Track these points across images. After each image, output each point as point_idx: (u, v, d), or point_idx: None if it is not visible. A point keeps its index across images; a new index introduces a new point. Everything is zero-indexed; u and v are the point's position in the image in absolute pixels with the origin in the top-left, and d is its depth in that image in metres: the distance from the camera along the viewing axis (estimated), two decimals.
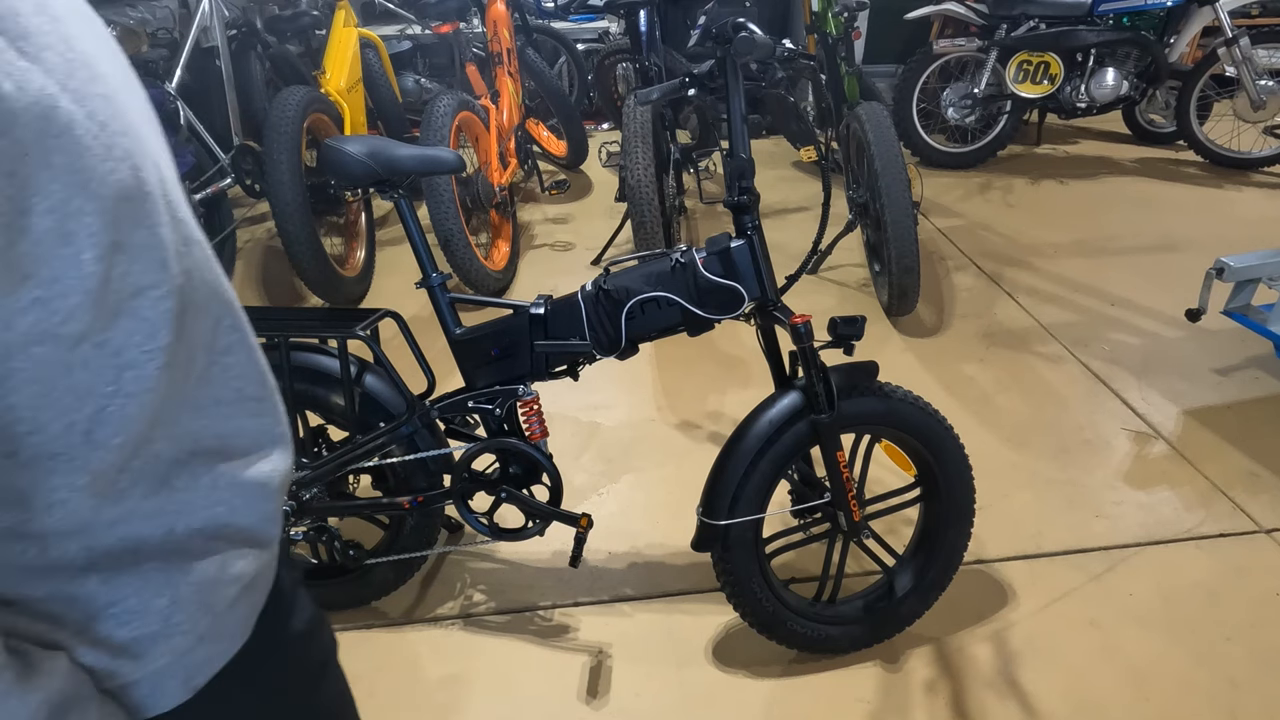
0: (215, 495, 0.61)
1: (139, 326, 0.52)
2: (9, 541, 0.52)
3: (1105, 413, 2.53)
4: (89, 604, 0.56)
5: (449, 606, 1.94)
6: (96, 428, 0.51)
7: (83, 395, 0.50)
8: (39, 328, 0.46)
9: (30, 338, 0.46)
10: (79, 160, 0.46)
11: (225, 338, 0.64)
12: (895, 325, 3.05)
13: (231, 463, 0.62)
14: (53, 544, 0.54)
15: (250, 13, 3.87)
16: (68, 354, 0.48)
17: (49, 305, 0.46)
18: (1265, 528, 2.07)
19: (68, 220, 0.46)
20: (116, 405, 0.52)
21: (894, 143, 2.78)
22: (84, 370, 0.50)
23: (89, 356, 0.50)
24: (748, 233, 1.55)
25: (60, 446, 0.50)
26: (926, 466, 1.68)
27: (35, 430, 0.49)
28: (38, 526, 0.52)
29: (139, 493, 0.56)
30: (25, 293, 0.45)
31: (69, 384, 0.49)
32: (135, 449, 0.55)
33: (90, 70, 0.49)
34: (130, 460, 0.55)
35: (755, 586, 1.61)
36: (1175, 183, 4.28)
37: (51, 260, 0.45)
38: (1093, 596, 1.89)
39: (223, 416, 0.62)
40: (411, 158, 1.61)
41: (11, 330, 0.45)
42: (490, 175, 3.36)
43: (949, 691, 1.69)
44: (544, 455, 1.69)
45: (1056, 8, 4.23)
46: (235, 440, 0.63)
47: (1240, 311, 2.53)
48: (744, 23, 1.60)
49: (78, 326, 0.48)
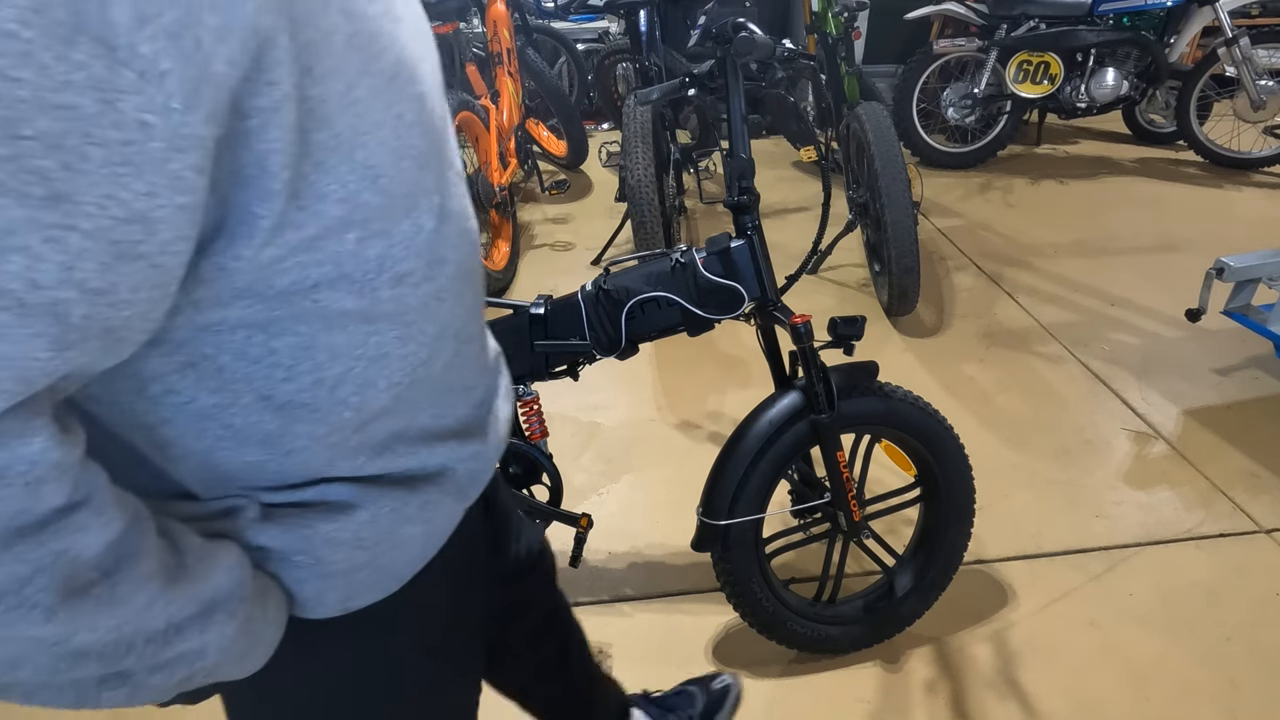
0: (429, 462, 0.67)
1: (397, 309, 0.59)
2: (246, 470, 0.59)
3: (1105, 413, 2.53)
4: (294, 521, 0.62)
5: None
6: (341, 386, 0.58)
7: (336, 354, 0.57)
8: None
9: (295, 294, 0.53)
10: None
11: (471, 325, 0.70)
12: (895, 325, 3.05)
13: (446, 443, 0.68)
14: (283, 481, 0.60)
15: None
16: (330, 316, 0.55)
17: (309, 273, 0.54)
18: (1265, 528, 2.07)
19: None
20: (360, 368, 0.58)
21: (894, 143, 2.78)
22: (342, 333, 0.56)
23: (349, 322, 0.56)
24: (748, 233, 1.54)
25: (308, 398, 0.57)
26: (926, 466, 1.68)
27: (290, 379, 0.56)
28: (275, 467, 0.59)
29: (365, 455, 0.62)
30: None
31: (327, 341, 0.56)
32: (373, 415, 0.61)
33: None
34: (366, 424, 0.61)
35: (755, 586, 1.61)
36: (1175, 183, 4.28)
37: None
38: (1093, 596, 1.89)
39: (449, 404, 0.69)
40: None
41: (275, 284, 0.52)
42: (490, 175, 3.36)
43: (949, 691, 1.69)
44: (544, 455, 1.69)
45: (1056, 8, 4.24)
46: (454, 424, 0.69)
47: (1240, 311, 2.53)
48: (744, 23, 1.60)
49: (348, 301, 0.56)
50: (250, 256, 0.50)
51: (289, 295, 0.52)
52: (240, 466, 0.58)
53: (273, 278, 0.51)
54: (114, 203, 0.40)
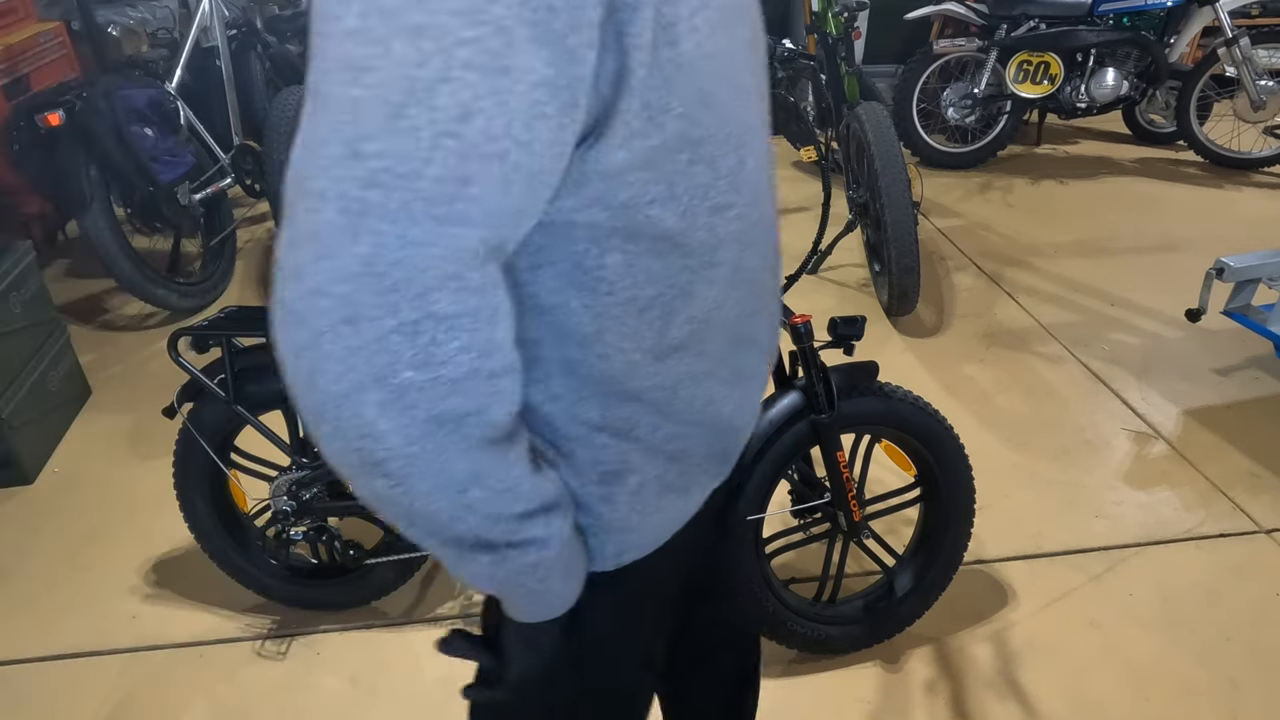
0: (707, 413, 0.72)
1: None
2: (563, 368, 0.65)
3: (1105, 413, 2.53)
4: (600, 448, 0.68)
5: (449, 606, 1.94)
6: (649, 310, 0.64)
7: (652, 279, 0.63)
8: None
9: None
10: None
11: (768, 285, 0.75)
12: (895, 325, 3.05)
13: (747, 384, 0.75)
14: (591, 389, 0.66)
15: (250, 13, 3.87)
16: (655, 237, 0.62)
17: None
18: (1265, 528, 2.07)
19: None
20: (668, 297, 0.65)
21: (894, 143, 2.78)
22: (660, 259, 0.63)
23: (667, 249, 0.63)
24: None
25: (620, 313, 0.64)
26: (926, 466, 1.68)
27: (611, 294, 0.63)
28: (586, 371, 0.65)
29: (658, 383, 0.67)
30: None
31: (646, 264, 0.63)
32: (670, 348, 0.66)
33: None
34: (664, 355, 0.66)
35: (755, 586, 1.61)
36: (1175, 183, 4.28)
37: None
38: (1093, 596, 1.89)
39: (736, 358, 0.73)
40: None
41: (619, 195, 0.58)
42: None
43: (949, 691, 1.69)
44: None
45: (1056, 8, 4.23)
46: (734, 383, 0.74)
47: (1240, 311, 2.53)
48: None
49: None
50: (606, 161, 0.56)
51: (628, 208, 0.59)
52: (558, 363, 0.65)
53: (618, 190, 0.58)
54: (532, 72, 0.50)
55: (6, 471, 2.39)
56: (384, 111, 0.48)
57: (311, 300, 0.51)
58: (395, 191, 0.49)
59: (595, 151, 0.56)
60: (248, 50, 3.83)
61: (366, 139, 0.49)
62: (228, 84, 3.49)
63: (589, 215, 0.59)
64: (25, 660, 1.87)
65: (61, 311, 2.86)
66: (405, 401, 0.52)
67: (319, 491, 1.76)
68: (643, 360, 0.66)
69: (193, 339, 1.67)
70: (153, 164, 2.94)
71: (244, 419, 1.71)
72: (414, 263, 0.50)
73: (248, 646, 1.87)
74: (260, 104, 3.80)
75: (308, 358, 0.52)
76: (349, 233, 0.50)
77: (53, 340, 2.63)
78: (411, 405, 0.53)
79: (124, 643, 1.90)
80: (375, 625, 1.90)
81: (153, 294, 3.09)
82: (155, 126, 3.00)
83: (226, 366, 1.66)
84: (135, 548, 2.15)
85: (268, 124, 2.98)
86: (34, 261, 2.59)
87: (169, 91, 3.18)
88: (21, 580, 2.09)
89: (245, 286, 3.53)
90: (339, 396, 0.52)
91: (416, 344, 0.51)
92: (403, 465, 0.54)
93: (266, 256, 3.79)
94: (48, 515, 2.30)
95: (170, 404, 1.72)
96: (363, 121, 0.49)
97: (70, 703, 1.77)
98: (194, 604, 1.98)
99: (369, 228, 0.50)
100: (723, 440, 0.75)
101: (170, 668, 1.83)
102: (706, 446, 0.73)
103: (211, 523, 1.84)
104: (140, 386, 2.85)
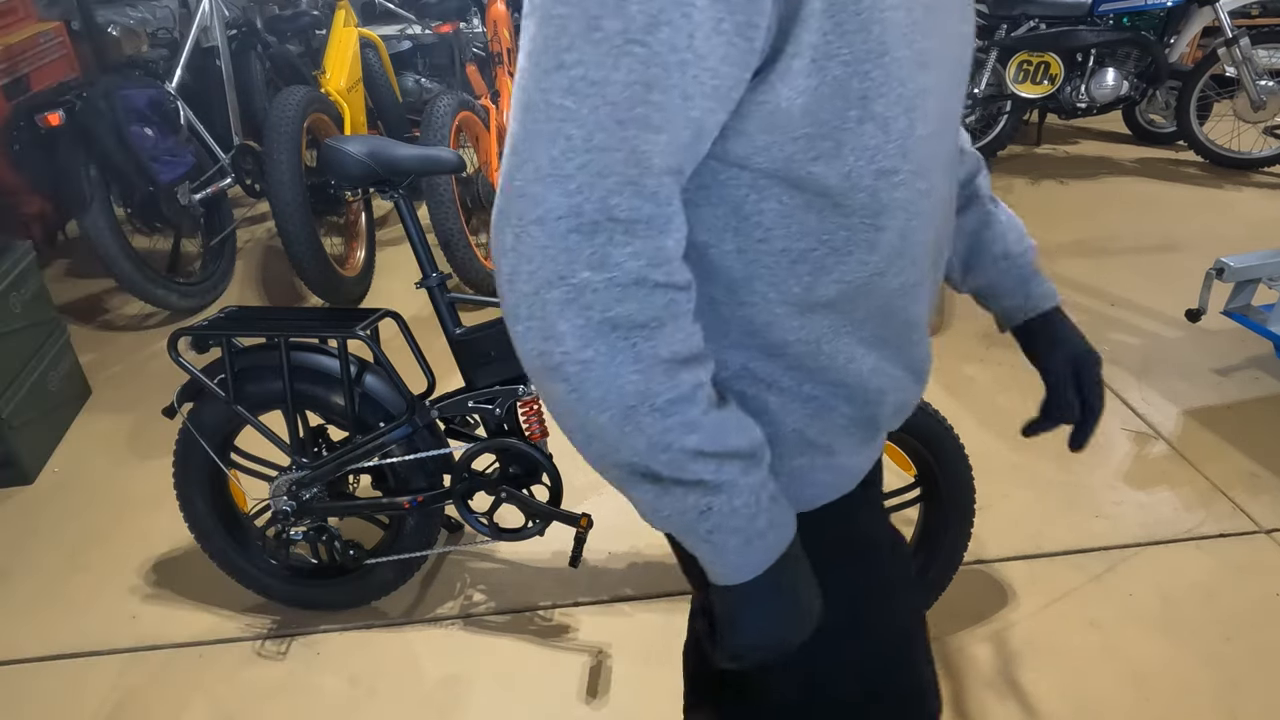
0: (861, 370, 0.72)
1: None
2: (709, 309, 0.68)
3: (1105, 413, 2.52)
4: (737, 395, 0.69)
5: (449, 606, 1.94)
6: (800, 263, 0.65)
7: (806, 232, 0.65)
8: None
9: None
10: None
11: (936, 264, 0.76)
12: None
13: (879, 363, 0.73)
14: (739, 330, 0.68)
15: (250, 13, 3.87)
16: (815, 192, 0.63)
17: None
18: (1265, 528, 2.07)
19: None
20: (821, 254, 0.66)
21: None
22: (817, 215, 0.64)
23: (826, 206, 0.63)
24: None
25: (771, 262, 0.65)
26: (926, 466, 1.67)
27: (764, 240, 0.64)
28: (728, 312, 0.67)
29: (801, 337, 0.68)
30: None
31: (803, 218, 0.64)
32: (817, 303, 0.66)
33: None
34: (809, 309, 0.67)
35: None
36: (1175, 183, 4.28)
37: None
38: (1093, 596, 1.89)
39: (891, 330, 0.73)
40: (412, 158, 1.61)
41: (785, 149, 0.60)
42: (490, 175, 3.36)
43: (949, 691, 1.69)
44: (544, 455, 1.69)
45: (1056, 8, 4.23)
46: (890, 351, 0.73)
47: (1240, 311, 2.53)
48: None
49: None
50: (772, 98, 0.58)
51: (792, 161, 0.60)
52: (704, 301, 0.67)
53: (785, 142, 0.60)
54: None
55: (6, 471, 2.39)
56: (584, 24, 0.53)
57: (514, 202, 0.56)
58: (587, 98, 0.54)
59: (766, 86, 0.58)
60: (248, 50, 3.83)
61: (568, 49, 0.54)
62: (228, 84, 3.49)
63: (755, 161, 0.61)
64: (25, 660, 1.87)
65: (61, 311, 2.86)
66: (582, 301, 0.56)
67: (319, 491, 1.76)
68: (785, 313, 0.66)
69: (193, 339, 1.67)
70: (153, 164, 2.94)
71: (244, 419, 1.71)
72: (597, 166, 0.54)
73: (248, 646, 1.87)
74: (260, 104, 3.80)
75: (509, 258, 0.57)
76: (546, 138, 0.55)
77: (53, 340, 2.63)
78: (587, 306, 0.56)
79: (124, 643, 1.90)
80: (375, 625, 1.90)
81: (153, 294, 3.09)
82: (155, 126, 3.00)
83: (226, 366, 1.66)
84: (135, 548, 2.15)
85: (268, 124, 2.97)
86: (34, 261, 2.59)
87: (169, 91, 3.18)
88: (21, 580, 2.09)
89: (245, 286, 3.53)
90: (529, 295, 0.57)
91: (594, 243, 0.55)
92: (578, 370, 0.57)
93: (267, 256, 3.79)
94: (48, 515, 2.30)
95: (170, 404, 1.72)
96: (568, 34, 0.54)
97: (70, 703, 1.77)
98: (194, 604, 1.98)
99: (563, 132, 0.54)
100: (867, 405, 0.73)
101: (170, 668, 1.83)
102: (850, 408, 0.72)
103: (211, 523, 1.84)
104: (140, 386, 2.85)
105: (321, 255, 3.02)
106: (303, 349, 1.69)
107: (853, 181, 0.62)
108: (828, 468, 0.74)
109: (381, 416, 1.70)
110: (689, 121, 0.56)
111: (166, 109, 3.11)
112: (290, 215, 2.91)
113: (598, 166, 0.54)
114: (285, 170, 2.91)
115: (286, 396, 1.68)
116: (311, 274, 3.03)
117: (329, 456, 1.73)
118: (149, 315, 3.30)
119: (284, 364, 1.66)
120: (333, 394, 1.69)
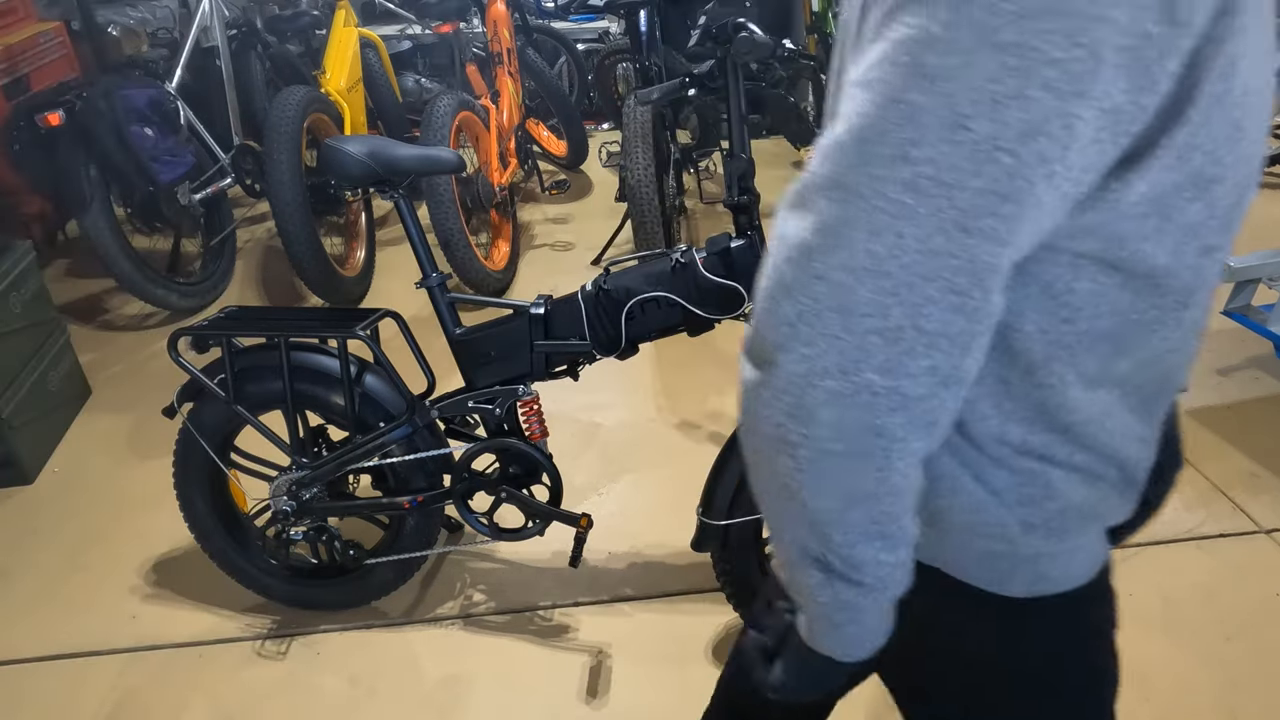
0: (1121, 453, 0.68)
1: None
2: (998, 390, 0.63)
3: None
4: (1022, 473, 0.65)
5: (449, 606, 1.94)
6: (1101, 342, 0.61)
7: (1115, 311, 0.60)
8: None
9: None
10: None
11: (1201, 333, 0.71)
12: None
13: (1137, 440, 0.69)
14: (1020, 416, 0.63)
15: (250, 13, 3.87)
16: (1135, 274, 0.58)
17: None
18: (1265, 528, 2.07)
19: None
20: (1122, 330, 0.60)
21: None
22: (1132, 294, 0.59)
23: (1143, 286, 0.59)
24: (748, 233, 1.55)
25: (1071, 341, 0.60)
26: None
27: (1069, 321, 0.60)
28: (1020, 392, 0.63)
29: (1080, 415, 0.64)
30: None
31: (1114, 297, 0.59)
32: (1105, 379, 0.63)
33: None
34: (1096, 384, 0.62)
35: (755, 586, 1.61)
36: None
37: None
38: None
39: (1157, 402, 0.69)
40: (411, 158, 1.61)
41: (1119, 229, 0.55)
42: (490, 175, 3.36)
43: None
44: (544, 455, 1.69)
45: None
46: (1148, 426, 0.70)
47: (1240, 311, 2.53)
48: (744, 23, 1.60)
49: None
50: (1125, 192, 0.53)
51: (1122, 240, 0.55)
52: (994, 383, 0.62)
53: (1119, 221, 0.54)
54: (1107, 99, 0.48)
55: (6, 471, 2.39)
56: (946, 120, 0.48)
57: (812, 283, 0.53)
58: (931, 199, 0.50)
59: (1120, 182, 0.53)
60: (248, 50, 3.83)
61: (917, 144, 0.49)
62: (228, 84, 3.49)
63: (1077, 243, 0.56)
64: (25, 660, 1.87)
65: (61, 311, 2.86)
66: (857, 401, 0.53)
67: (319, 491, 1.76)
68: (1076, 391, 0.62)
69: (193, 339, 1.67)
70: (153, 164, 2.94)
71: (244, 419, 1.71)
72: (922, 270, 0.51)
73: (248, 646, 1.87)
74: (260, 104, 3.80)
75: (784, 331, 0.54)
76: (870, 230, 0.51)
77: (53, 340, 2.63)
78: (861, 407, 0.53)
79: (124, 643, 1.90)
80: (375, 625, 1.90)
81: (153, 294, 3.09)
82: (155, 126, 3.01)
83: (226, 366, 1.66)
84: (135, 548, 2.15)
85: (268, 124, 2.97)
86: (34, 261, 2.59)
87: (169, 91, 3.18)
88: (21, 580, 2.09)
89: (245, 286, 3.53)
90: (797, 376, 0.54)
91: (892, 350, 0.52)
92: (815, 458, 0.55)
93: (267, 256, 3.80)
94: (48, 515, 2.30)
95: (170, 404, 1.72)
96: (920, 127, 0.49)
97: (70, 703, 1.77)
98: (194, 604, 1.98)
99: (894, 228, 0.50)
100: (1131, 469, 0.71)
101: (170, 668, 1.83)
102: (1120, 474, 0.70)
103: (211, 523, 1.84)
104: (140, 386, 2.85)
105: (321, 255, 3.02)
106: (303, 349, 1.70)
107: (1178, 260, 0.58)
108: (1097, 538, 0.74)
109: (381, 416, 1.70)
110: (1038, 232, 0.53)
111: (166, 109, 3.11)
112: (290, 215, 2.92)
113: (923, 271, 0.51)
114: (285, 170, 2.91)
115: (286, 396, 1.68)
116: (311, 274, 3.03)
117: (329, 456, 1.73)
118: (149, 315, 3.30)
119: (284, 364, 1.66)
120: (333, 394, 1.69)
